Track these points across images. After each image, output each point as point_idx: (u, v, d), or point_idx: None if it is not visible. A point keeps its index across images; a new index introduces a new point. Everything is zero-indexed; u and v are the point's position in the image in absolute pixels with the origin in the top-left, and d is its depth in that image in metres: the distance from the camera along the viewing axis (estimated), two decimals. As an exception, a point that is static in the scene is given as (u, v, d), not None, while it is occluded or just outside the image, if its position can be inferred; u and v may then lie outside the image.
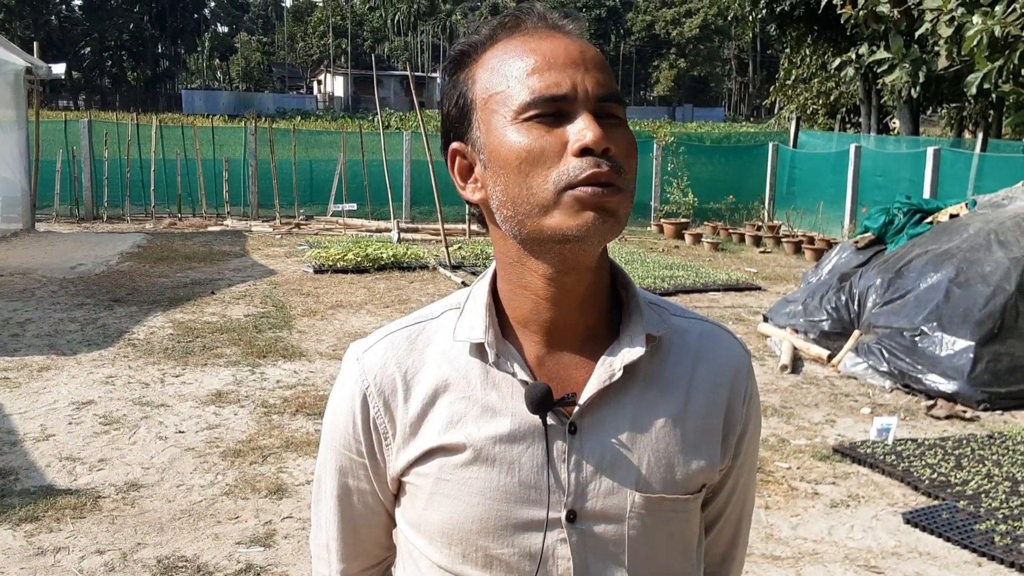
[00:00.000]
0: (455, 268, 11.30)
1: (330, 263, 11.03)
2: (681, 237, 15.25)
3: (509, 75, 0.98)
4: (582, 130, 0.94)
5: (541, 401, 0.99)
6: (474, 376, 1.04)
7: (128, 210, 15.94)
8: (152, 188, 15.90)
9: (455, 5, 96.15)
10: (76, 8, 76.05)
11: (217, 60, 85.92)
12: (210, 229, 15.08)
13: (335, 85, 75.13)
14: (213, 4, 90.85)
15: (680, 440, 1.04)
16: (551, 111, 0.96)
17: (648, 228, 16.74)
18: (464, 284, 10.29)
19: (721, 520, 1.16)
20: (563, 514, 1.01)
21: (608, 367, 1.02)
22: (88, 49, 76.06)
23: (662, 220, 16.35)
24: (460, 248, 12.43)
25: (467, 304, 1.08)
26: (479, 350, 1.04)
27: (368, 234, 14.26)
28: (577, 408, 1.02)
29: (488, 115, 0.99)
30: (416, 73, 18.17)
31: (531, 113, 0.96)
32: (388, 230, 14.24)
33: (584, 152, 0.94)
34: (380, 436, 1.07)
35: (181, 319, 8.37)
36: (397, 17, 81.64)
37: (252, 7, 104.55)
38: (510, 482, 1.01)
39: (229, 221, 15.79)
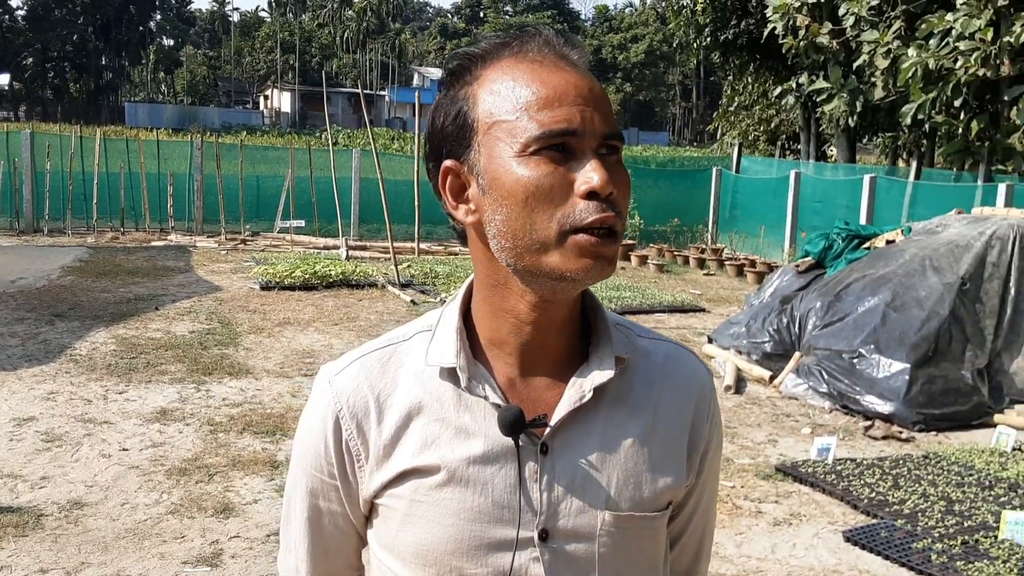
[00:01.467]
0: (404, 286, 11.29)
1: (277, 280, 10.95)
2: (627, 259, 15.44)
3: (517, 104, 0.97)
4: (590, 173, 0.95)
5: (514, 424, 1.00)
6: (447, 398, 1.05)
7: (70, 223, 15.64)
8: (95, 201, 15.63)
9: (404, 24, 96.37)
10: (19, 18, 74.43)
11: (162, 73, 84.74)
12: (154, 244, 14.86)
13: (282, 101, 74.56)
14: (159, 17, 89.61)
15: (647, 459, 1.07)
16: (559, 145, 0.96)
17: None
18: (413, 302, 10.31)
19: (685, 536, 1.18)
20: (535, 533, 1.02)
21: (578, 388, 1.04)
22: (30, 59, 74.45)
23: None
24: (409, 266, 12.43)
25: (438, 327, 1.08)
26: (451, 374, 1.05)
27: (316, 251, 14.18)
28: (548, 429, 1.03)
29: (492, 141, 0.98)
30: (366, 91, 18.14)
31: (538, 147, 0.96)
32: (336, 247, 14.18)
33: (590, 195, 0.95)
34: (352, 458, 1.07)
35: (124, 335, 8.24)
36: (346, 34, 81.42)
37: (198, 21, 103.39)
38: (484, 503, 1.02)
39: (173, 236, 15.58)
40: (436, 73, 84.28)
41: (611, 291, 11.32)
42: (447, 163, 1.03)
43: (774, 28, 17.17)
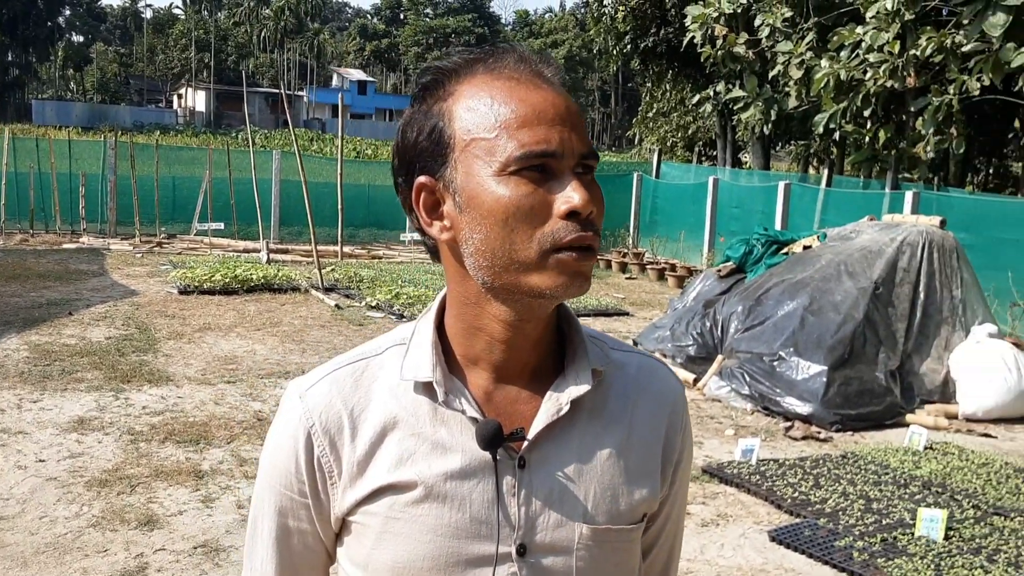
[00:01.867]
0: (328, 291, 11.16)
1: (196, 284, 10.70)
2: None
3: (495, 123, 0.97)
4: (570, 193, 0.96)
5: (492, 438, 1.00)
6: (423, 413, 1.04)
7: (-26, 225, 15.01)
8: (2, 202, 15.04)
9: (323, 24, 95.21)
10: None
11: (71, 70, 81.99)
12: (65, 246, 14.36)
13: (196, 100, 72.89)
14: (68, 12, 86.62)
15: (623, 472, 1.07)
16: (537, 165, 0.96)
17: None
18: (338, 307, 10.19)
19: (656, 547, 1.18)
20: (514, 548, 1.02)
21: (555, 402, 1.04)
22: (-68, 55, 71.29)
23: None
24: (333, 270, 12.28)
25: (412, 341, 1.07)
26: (426, 388, 1.04)
27: (235, 254, 13.90)
28: (526, 443, 1.03)
29: (470, 159, 0.98)
30: (284, 91, 17.87)
31: (518, 167, 0.95)
32: (257, 250, 13.93)
33: (570, 215, 0.96)
34: (325, 475, 1.05)
35: (37, 341, 7.95)
36: (264, 33, 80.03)
37: (110, 17, 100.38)
38: (461, 518, 1.01)
39: (85, 238, 15.07)
40: (356, 74, 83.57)
41: (536, 295, 11.38)
42: (421, 179, 1.01)
43: (693, 37, 17.50)
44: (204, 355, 7.86)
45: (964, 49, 12.04)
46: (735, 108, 18.26)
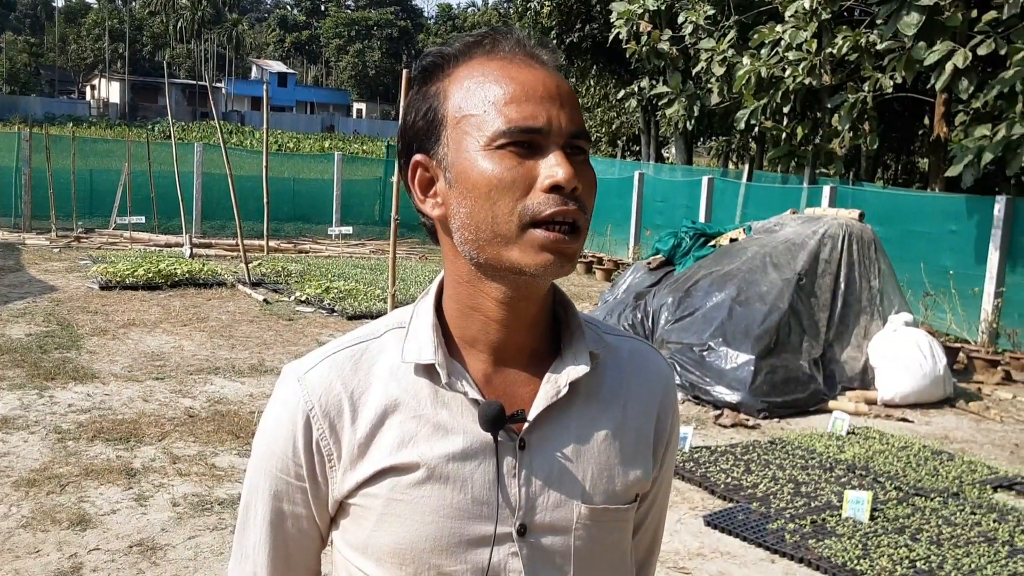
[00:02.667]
0: (255, 285, 10.99)
1: (118, 279, 10.43)
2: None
3: (485, 100, 0.99)
4: (554, 167, 0.96)
5: (495, 419, 1.00)
6: (423, 395, 1.04)
7: None
8: (-95, 195, 14.43)
9: (242, 15, 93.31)
10: None
11: (-24, 60, 78.75)
12: (-25, 241, 13.84)
13: (111, 91, 70.75)
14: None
15: (619, 453, 1.09)
16: (524, 142, 0.97)
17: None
18: (266, 302, 10.05)
19: (643, 528, 1.20)
20: (514, 528, 1.03)
21: (554, 384, 1.05)
22: None
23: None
24: (260, 264, 12.09)
25: (412, 324, 1.08)
26: (427, 370, 1.04)
27: (157, 249, 13.58)
28: (526, 425, 1.04)
29: (459, 135, 0.99)
30: (202, 83, 17.51)
31: (504, 141, 0.97)
32: (179, 245, 13.63)
33: (553, 189, 0.96)
34: (324, 458, 1.05)
35: (-49, 340, 7.66)
36: (180, 24, 78.07)
37: (19, 5, 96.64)
38: (463, 499, 1.02)
39: (-2, 233, 14.56)
40: (276, 66, 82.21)
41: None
42: (417, 157, 1.03)
43: (618, 33, 17.70)
44: (130, 351, 7.68)
45: (878, 48, 12.45)
46: (659, 104, 18.53)
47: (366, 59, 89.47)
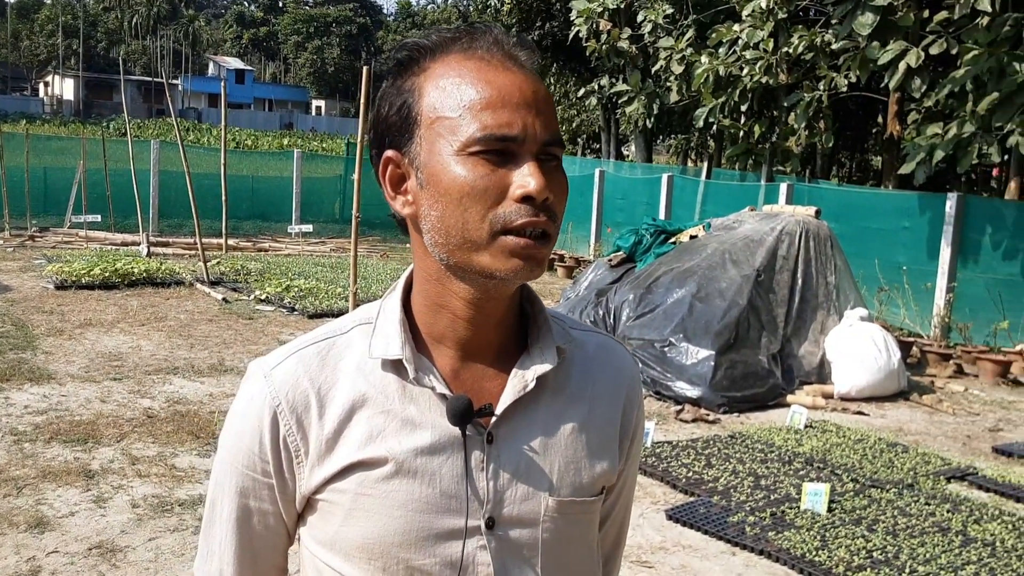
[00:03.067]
0: (214, 284, 10.88)
1: (74, 279, 10.27)
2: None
3: (461, 103, 0.98)
4: (526, 177, 0.96)
5: (463, 414, 1.01)
6: (391, 390, 1.05)
7: None
8: None
9: (198, 11, 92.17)
10: None
11: (-76, 55, 76.97)
12: (-76, 241, 13.54)
13: (64, 88, 69.50)
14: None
15: (586, 446, 1.09)
16: (498, 149, 0.97)
17: (408, 245, 16.85)
18: (225, 301, 9.96)
19: (608, 521, 1.21)
20: (482, 521, 1.04)
21: (521, 379, 1.06)
22: None
23: (421, 237, 16.59)
24: (219, 263, 11.97)
25: (379, 319, 1.08)
26: (395, 366, 1.05)
27: (114, 248, 13.39)
28: (494, 418, 1.05)
29: (433, 137, 0.99)
30: (158, 79, 17.29)
31: (478, 148, 0.96)
32: (136, 244, 13.44)
33: (525, 199, 0.96)
34: (291, 454, 1.05)
35: (-100, 341, 7.50)
36: (135, 20, 76.87)
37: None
38: (432, 493, 1.02)
39: (-53, 232, 14.26)
40: (233, 63, 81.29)
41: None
42: (388, 153, 1.03)
43: (578, 31, 17.78)
44: (87, 352, 7.57)
45: (833, 47, 12.65)
46: (619, 102, 18.64)
47: (325, 56, 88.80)
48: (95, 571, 3.93)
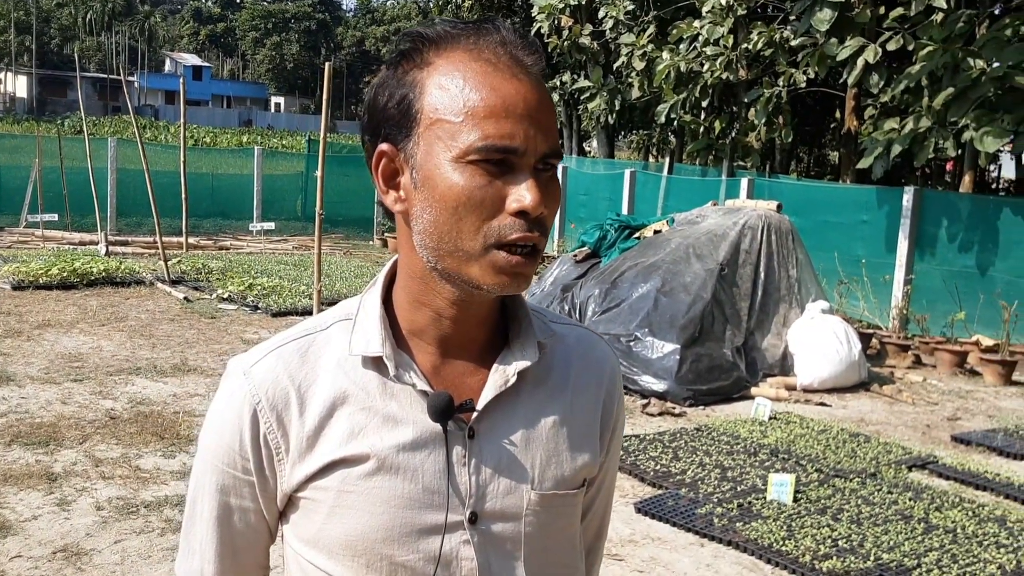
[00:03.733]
0: (175, 283, 10.75)
1: (32, 279, 10.08)
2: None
3: (464, 107, 0.96)
4: (524, 192, 0.96)
5: (444, 410, 1.01)
6: (372, 387, 1.04)
7: None
8: None
9: (154, 7, 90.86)
10: None
11: None
12: None
13: (17, 85, 68.15)
14: None
15: (567, 439, 1.10)
16: (497, 160, 0.96)
17: (371, 242, 16.82)
18: (187, 300, 9.85)
19: (590, 513, 1.22)
20: (465, 516, 1.04)
21: (502, 374, 1.06)
22: None
23: (385, 235, 16.51)
24: (180, 262, 11.83)
25: (359, 316, 1.08)
26: (375, 363, 1.05)
27: (72, 247, 13.17)
28: (475, 414, 1.05)
29: (432, 139, 0.97)
30: (114, 76, 17.05)
31: (477, 158, 0.95)
32: (94, 243, 13.24)
33: (520, 214, 0.96)
34: (272, 452, 1.05)
35: None
36: (90, 16, 75.59)
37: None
38: (414, 489, 1.03)
39: None
40: (190, 59, 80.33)
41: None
42: (383, 146, 1.02)
43: (540, 27, 17.80)
44: (46, 353, 7.44)
45: (792, 43, 12.80)
46: (581, 98, 18.70)
47: (284, 52, 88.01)
48: (60, 575, 3.87)
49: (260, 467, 1.06)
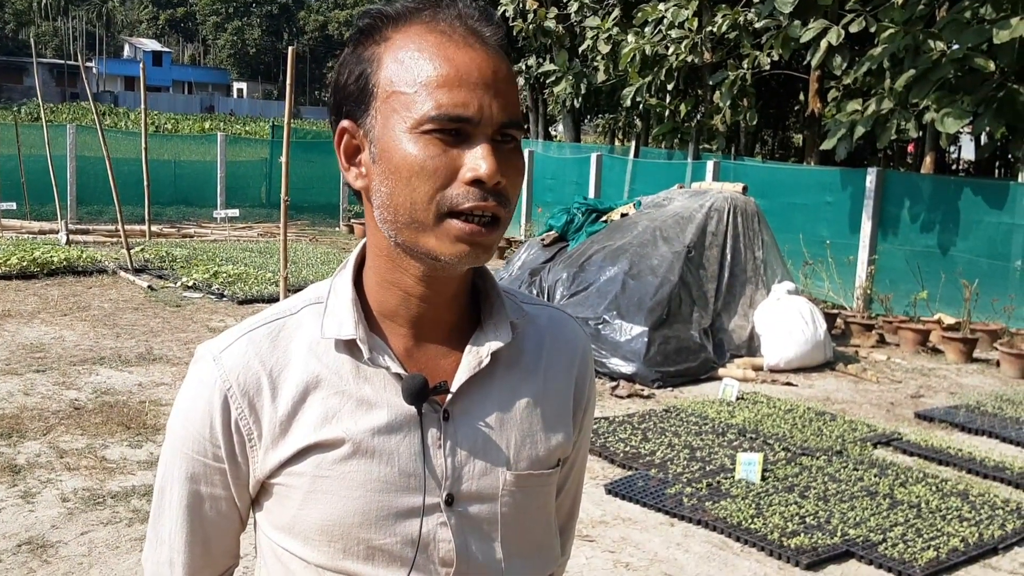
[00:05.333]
0: (139, 272, 10.61)
1: (-10, 269, 9.91)
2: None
3: (417, 78, 0.96)
4: (478, 160, 0.95)
5: (418, 393, 1.00)
6: (345, 371, 1.04)
7: None
8: None
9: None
10: None
11: None
12: None
13: (-31, 71, 66.69)
14: None
15: (541, 419, 1.10)
16: (452, 129, 0.95)
17: (337, 229, 16.70)
18: (151, 288, 9.73)
19: (563, 492, 1.22)
20: (442, 498, 1.04)
21: (475, 355, 1.06)
22: None
23: (352, 221, 16.41)
24: (143, 250, 11.67)
25: (330, 299, 1.06)
26: (348, 346, 1.04)
27: (31, 236, 12.95)
28: (449, 396, 1.05)
29: (388, 112, 0.97)
30: (72, 62, 16.75)
31: (431, 127, 0.95)
32: (54, 231, 13.02)
33: (475, 182, 0.95)
34: (243, 438, 1.04)
35: None
36: (45, 0, 74.08)
37: None
38: (390, 472, 1.02)
39: None
40: (150, 44, 79.06)
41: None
42: (344, 123, 1.02)
43: (504, 11, 17.71)
44: (6, 344, 7.32)
45: (756, 26, 12.85)
46: (547, 82, 18.66)
47: (245, 37, 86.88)
48: (25, 567, 3.82)
49: (232, 454, 1.05)
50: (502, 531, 1.08)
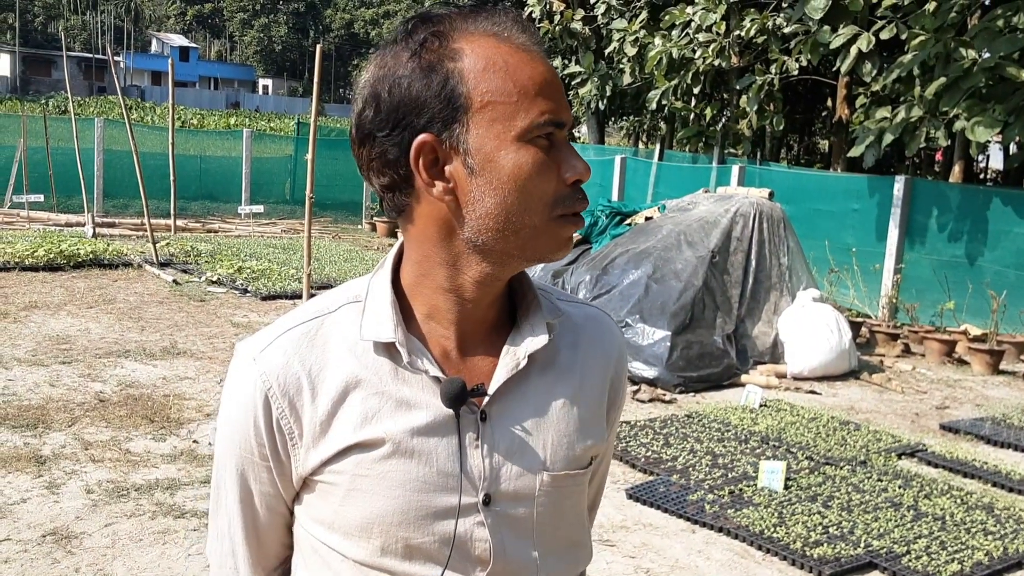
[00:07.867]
0: (164, 265, 10.68)
1: (17, 260, 10.00)
2: (394, 235, 15.46)
3: (516, 89, 0.99)
4: (575, 162, 1.01)
5: (457, 396, 1.02)
6: (384, 372, 1.05)
7: None
8: None
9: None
10: None
11: None
12: None
13: (0, 64, 67.44)
14: None
15: (576, 419, 1.12)
16: (550, 134, 1.00)
17: (360, 227, 16.75)
18: (176, 282, 9.80)
19: (591, 485, 1.23)
20: (480, 499, 1.05)
21: (513, 356, 1.07)
22: None
23: (374, 219, 16.46)
24: (168, 244, 11.75)
25: (368, 300, 1.07)
26: (387, 348, 1.05)
27: (57, 229, 13.06)
28: (487, 398, 1.06)
29: (487, 122, 0.99)
30: (100, 56, 16.90)
31: (537, 134, 0.99)
32: (81, 224, 13.14)
33: (575, 183, 1.02)
34: (285, 437, 1.06)
35: None
36: (75, -7, 74.83)
37: None
38: (429, 472, 1.04)
39: None
40: (177, 40, 79.65)
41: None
42: (424, 137, 0.99)
43: (531, 12, 17.70)
44: (33, 335, 7.38)
45: (785, 31, 12.77)
46: (572, 84, 18.62)
47: (272, 34, 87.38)
48: (50, 558, 3.85)
49: (275, 452, 1.07)
50: (537, 530, 1.09)
